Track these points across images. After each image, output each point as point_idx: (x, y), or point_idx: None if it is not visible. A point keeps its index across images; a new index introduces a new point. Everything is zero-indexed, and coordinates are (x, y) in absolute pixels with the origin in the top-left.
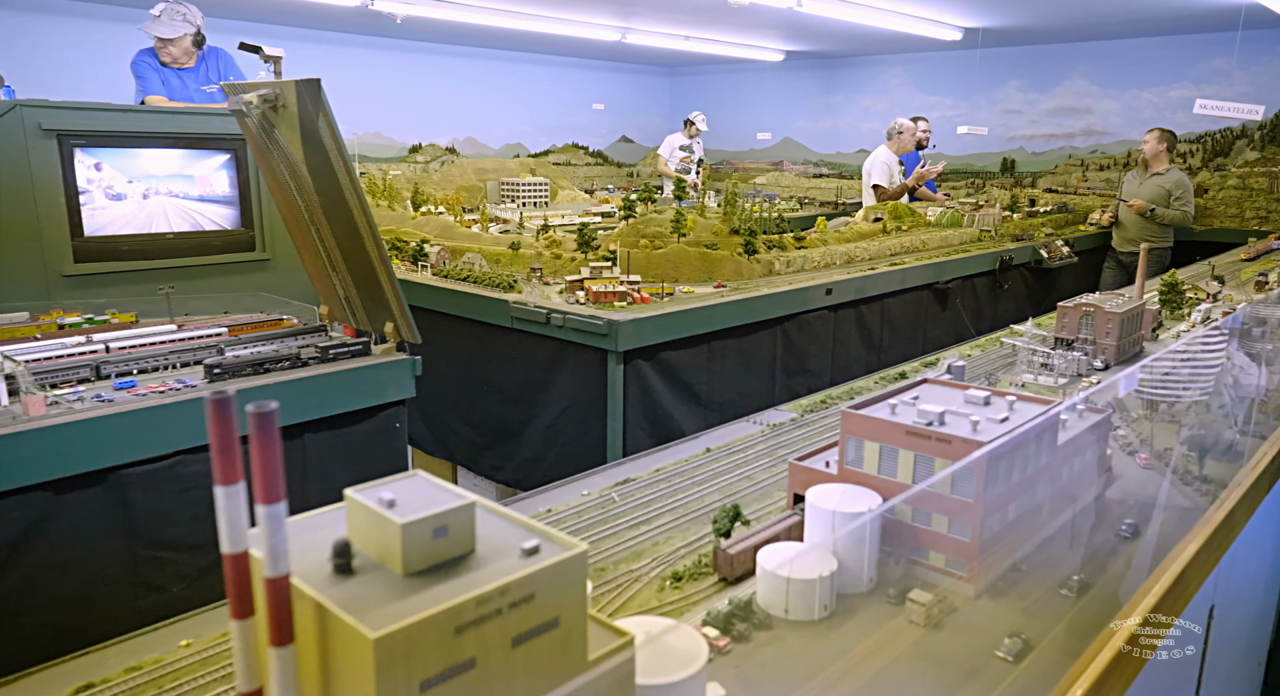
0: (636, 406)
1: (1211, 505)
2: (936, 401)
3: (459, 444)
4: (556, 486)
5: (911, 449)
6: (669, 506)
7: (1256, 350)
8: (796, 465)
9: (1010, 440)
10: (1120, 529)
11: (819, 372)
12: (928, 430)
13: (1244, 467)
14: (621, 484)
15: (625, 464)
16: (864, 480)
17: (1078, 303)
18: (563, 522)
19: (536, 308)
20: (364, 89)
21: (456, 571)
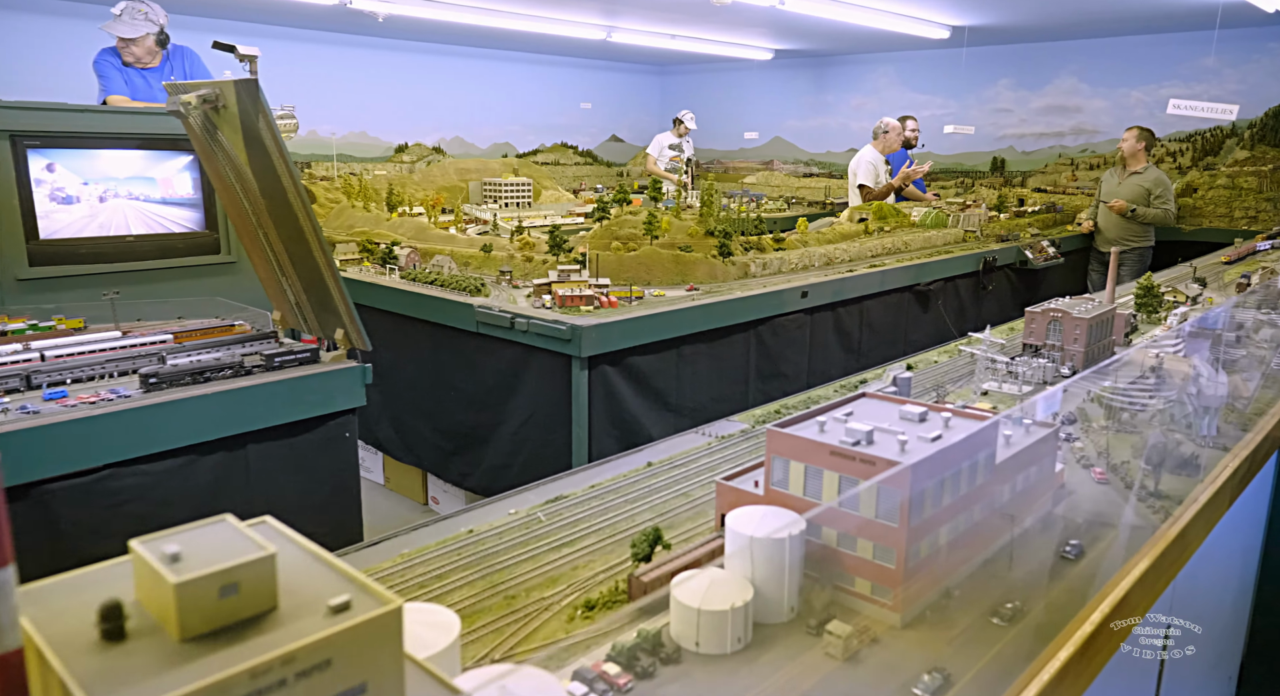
0: (602, 413)
1: (1164, 523)
2: (870, 418)
3: (427, 450)
4: (506, 496)
5: (836, 470)
6: (596, 526)
7: (1223, 356)
8: (724, 485)
9: (937, 460)
10: (1065, 550)
11: (795, 377)
12: (851, 450)
13: (1201, 482)
14: (552, 502)
15: (578, 474)
16: (789, 502)
17: (1045, 308)
18: (482, 544)
19: (501, 312)
20: (349, 88)
21: (245, 635)
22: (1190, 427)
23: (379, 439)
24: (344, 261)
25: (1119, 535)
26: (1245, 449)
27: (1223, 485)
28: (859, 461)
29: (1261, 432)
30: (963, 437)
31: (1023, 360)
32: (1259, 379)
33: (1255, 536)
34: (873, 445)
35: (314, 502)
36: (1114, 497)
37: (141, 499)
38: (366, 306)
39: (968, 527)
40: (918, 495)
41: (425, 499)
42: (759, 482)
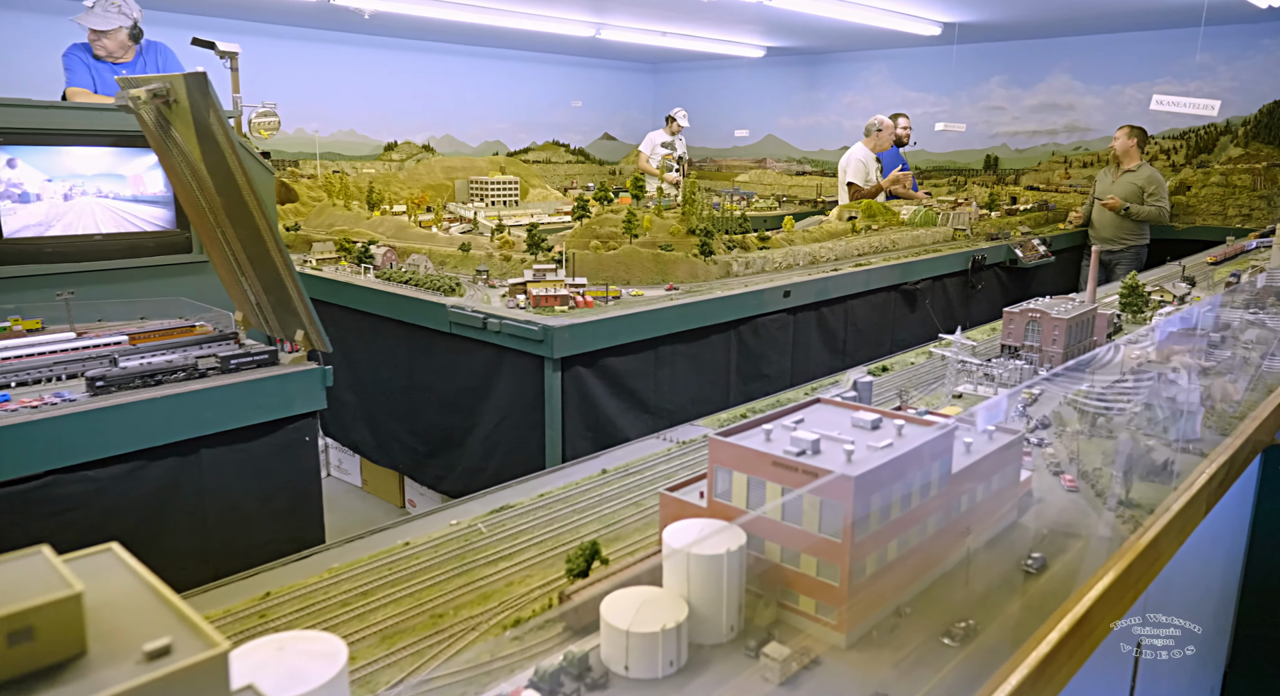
0: (577, 415)
1: (1133, 533)
2: (821, 425)
3: (402, 452)
4: (450, 505)
5: (779, 482)
6: (538, 538)
7: (1202, 356)
8: (666, 496)
9: (886, 470)
10: (1026, 563)
11: (777, 377)
12: (794, 461)
13: (1174, 490)
14: (496, 512)
15: (527, 482)
16: (732, 515)
17: (1024, 308)
18: (415, 558)
19: (474, 312)
20: (337, 86)
21: (36, 688)
22: (1166, 431)
23: (355, 441)
24: (320, 260)
25: (1085, 546)
26: (1223, 453)
27: (1198, 492)
28: (802, 473)
29: (1241, 436)
30: (915, 446)
31: (999, 362)
32: (1247, 382)
33: (1238, 544)
34: (819, 455)
35: (273, 509)
36: (1083, 506)
37: (85, 507)
38: (341, 306)
39: (921, 541)
40: (862, 508)
41: (403, 502)
42: (704, 494)
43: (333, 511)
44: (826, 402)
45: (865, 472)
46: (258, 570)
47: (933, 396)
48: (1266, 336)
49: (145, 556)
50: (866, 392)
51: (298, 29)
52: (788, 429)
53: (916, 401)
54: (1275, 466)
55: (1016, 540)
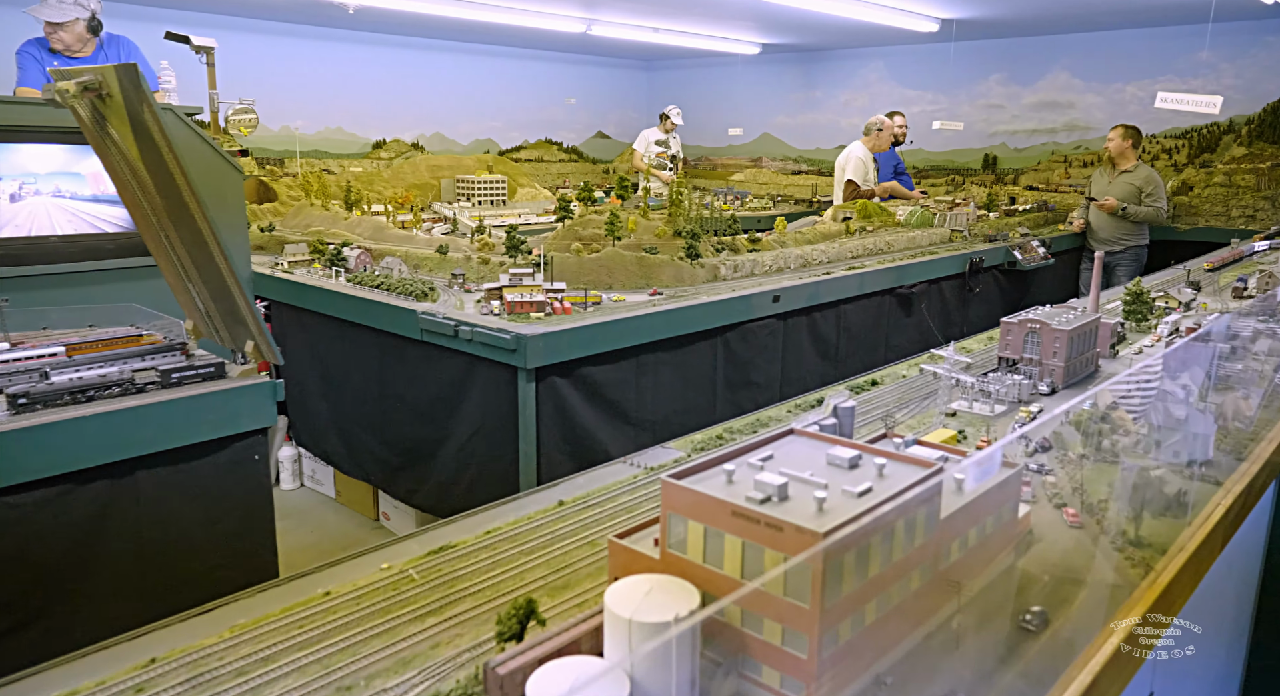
0: (552, 428)
1: (1144, 579)
2: (792, 463)
3: (374, 465)
4: (385, 545)
5: (739, 534)
6: (476, 587)
7: (1215, 378)
8: (616, 544)
9: (860, 525)
10: (1024, 619)
11: (766, 386)
12: (755, 512)
13: (1188, 526)
14: (435, 552)
15: (476, 516)
16: (687, 570)
17: (1022, 318)
18: (334, 612)
19: (445, 319)
20: (324, 83)
21: None
22: (1178, 455)
23: (326, 451)
24: (293, 263)
25: (1091, 598)
26: (1240, 481)
27: (1215, 526)
28: (765, 525)
29: (1259, 461)
30: (898, 492)
31: (996, 377)
32: (1260, 397)
33: (1249, 582)
34: (786, 502)
35: (220, 533)
36: (1088, 546)
37: (6, 535)
38: (312, 311)
39: (904, 599)
40: (835, 568)
41: (376, 515)
42: (657, 540)
43: (304, 524)
44: (800, 434)
45: (837, 527)
46: (150, 628)
47: (923, 415)
48: (1278, 347)
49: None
50: (848, 420)
51: (283, 24)
52: (754, 468)
53: (907, 420)
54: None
55: (1014, 590)
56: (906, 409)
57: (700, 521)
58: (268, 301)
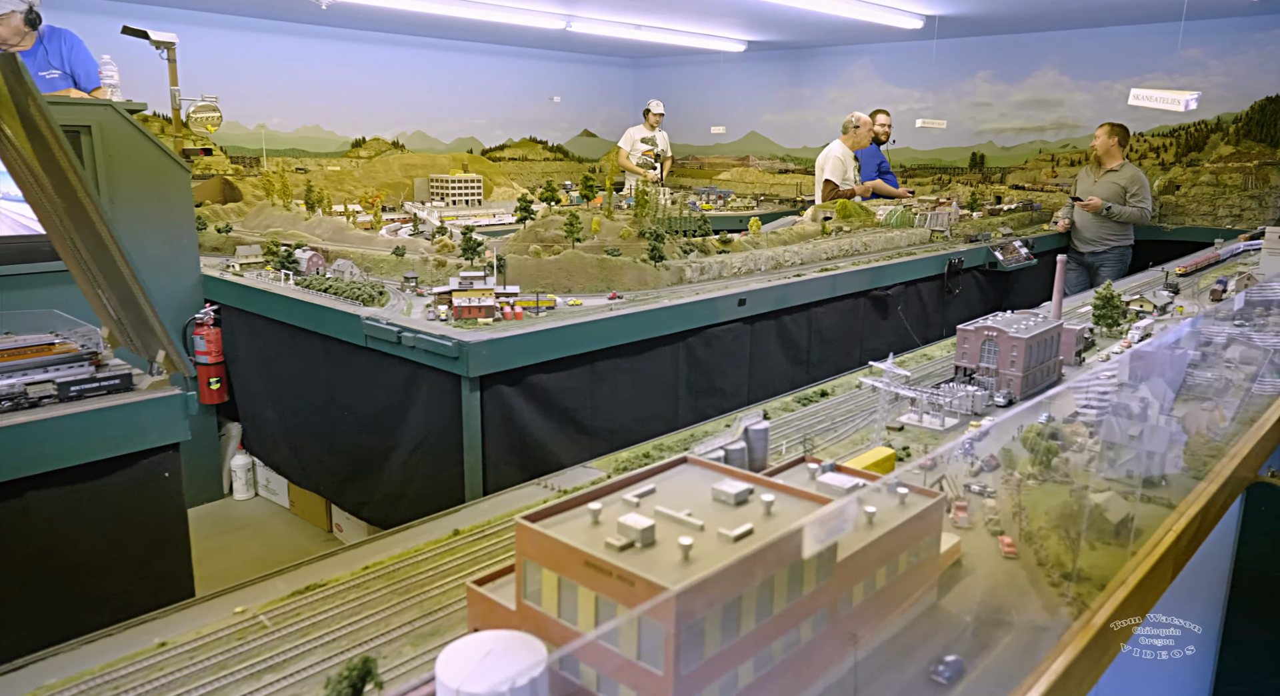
0: (500, 438)
1: (1077, 620)
2: (675, 498)
3: (324, 475)
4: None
5: (592, 588)
6: (332, 635)
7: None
8: (475, 591)
9: (733, 573)
10: (935, 671)
11: (733, 392)
12: (607, 563)
13: (1132, 556)
14: (300, 593)
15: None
16: (543, 626)
17: (979, 325)
18: (162, 667)
19: (388, 324)
20: (301, 81)
21: None
22: (1131, 475)
23: (277, 461)
24: (245, 265)
25: (1014, 642)
26: (1195, 502)
27: (1163, 555)
28: (617, 578)
29: (1217, 479)
30: (780, 537)
31: (949, 387)
32: (1235, 408)
33: (1214, 600)
34: (650, 550)
35: (128, 557)
36: (1022, 581)
37: None
38: (260, 316)
39: (790, 656)
40: (693, 629)
41: (329, 526)
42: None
43: (255, 536)
44: (694, 463)
45: (693, 586)
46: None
47: (869, 430)
48: (1253, 355)
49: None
50: (760, 444)
51: (257, 20)
52: (628, 505)
53: (850, 436)
54: (1261, 507)
55: (930, 635)
56: (852, 423)
57: (555, 570)
58: (217, 305)
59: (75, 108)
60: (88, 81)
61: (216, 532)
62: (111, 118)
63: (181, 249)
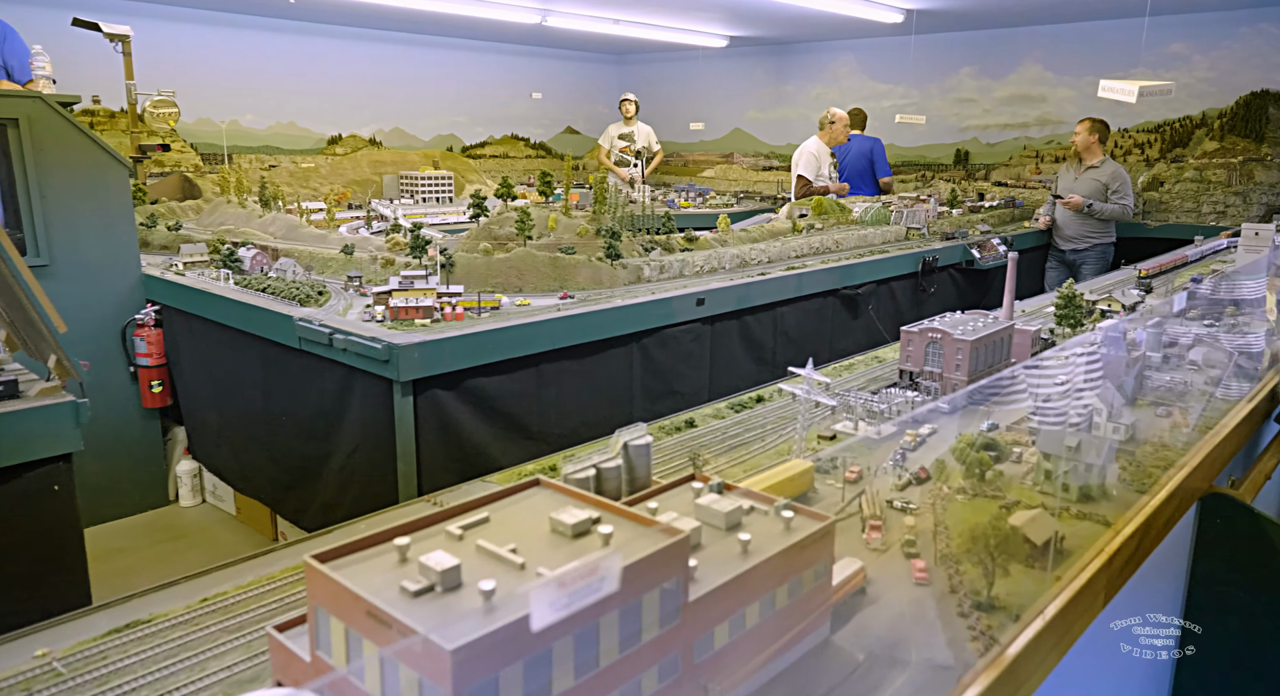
0: (437, 444)
1: (982, 658)
2: (510, 528)
3: (264, 481)
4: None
5: (376, 640)
6: (135, 684)
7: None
8: (275, 639)
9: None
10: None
11: (692, 394)
12: (388, 614)
13: (1056, 581)
14: (117, 632)
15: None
16: (335, 681)
17: (924, 327)
18: None
19: (321, 326)
20: (275, 76)
21: None
22: (1067, 489)
23: (219, 466)
24: (188, 264)
25: (909, 682)
26: (1134, 518)
27: (1091, 579)
28: (397, 631)
29: (1160, 492)
30: (600, 579)
31: (889, 393)
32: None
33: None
34: (453, 593)
35: (14, 575)
36: (928, 611)
37: None
38: (200, 317)
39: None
40: (482, 691)
41: (275, 534)
42: None
43: (198, 545)
44: (548, 485)
45: (472, 642)
46: None
47: (779, 448)
48: (1217, 358)
49: None
50: (642, 462)
51: (228, 15)
52: (452, 537)
53: (776, 445)
54: (1217, 519)
55: (813, 676)
56: (781, 432)
57: (341, 619)
58: (159, 305)
59: (1, 100)
60: (21, 73)
61: (159, 541)
62: (42, 111)
63: (121, 247)
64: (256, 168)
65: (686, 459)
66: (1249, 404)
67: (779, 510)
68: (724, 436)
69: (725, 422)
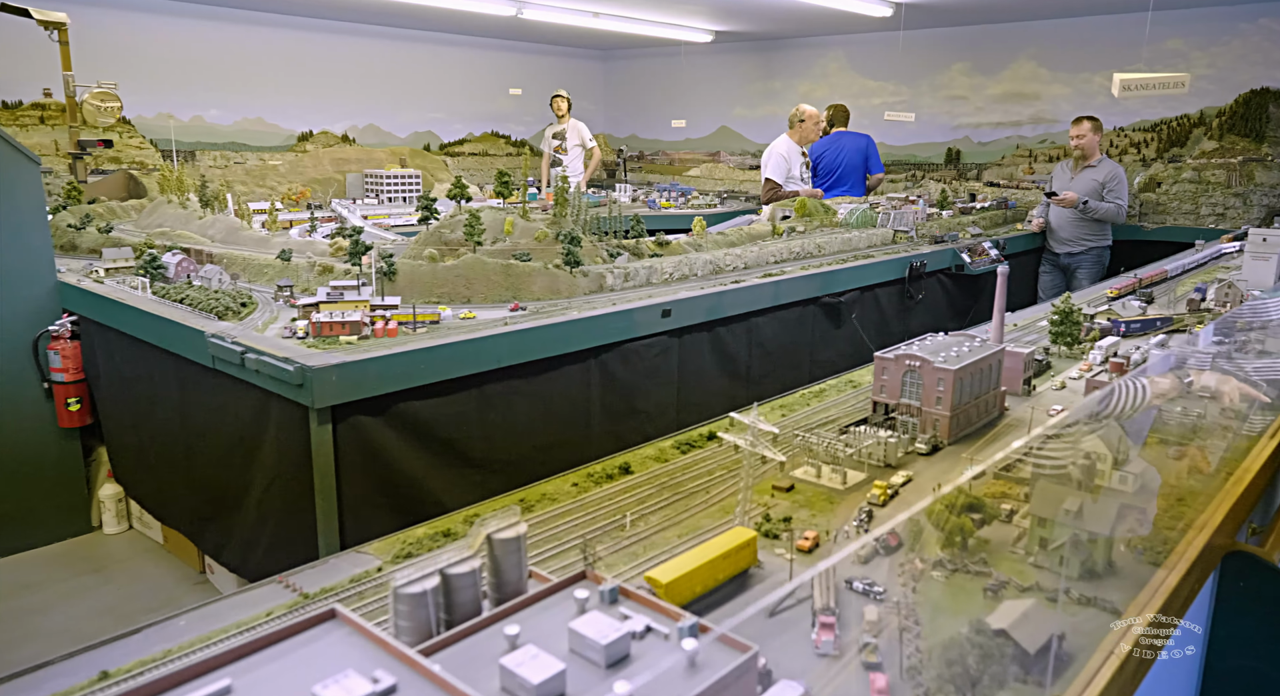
0: (362, 478)
1: None
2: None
3: (184, 512)
4: None
5: None
6: None
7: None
8: None
9: None
10: None
11: (659, 414)
12: None
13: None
14: None
15: None
16: None
17: (900, 352)
18: None
19: (233, 344)
20: (243, 70)
21: None
22: (1066, 565)
23: (139, 493)
24: (110, 271)
25: None
26: (1151, 600)
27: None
28: None
29: (1183, 562)
30: None
31: (859, 432)
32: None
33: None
34: None
35: None
36: None
37: None
38: (117, 330)
39: None
40: None
41: (202, 566)
42: None
43: (118, 578)
44: (346, 620)
45: None
46: None
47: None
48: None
49: None
50: (511, 561)
51: (191, 5)
52: None
53: (719, 501)
54: (1238, 582)
55: None
56: (732, 479)
57: None
58: (75, 316)
59: None
60: None
61: (76, 574)
62: None
63: (32, 251)
64: (221, 165)
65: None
66: (1272, 440)
67: (682, 634)
68: (664, 485)
69: (669, 467)
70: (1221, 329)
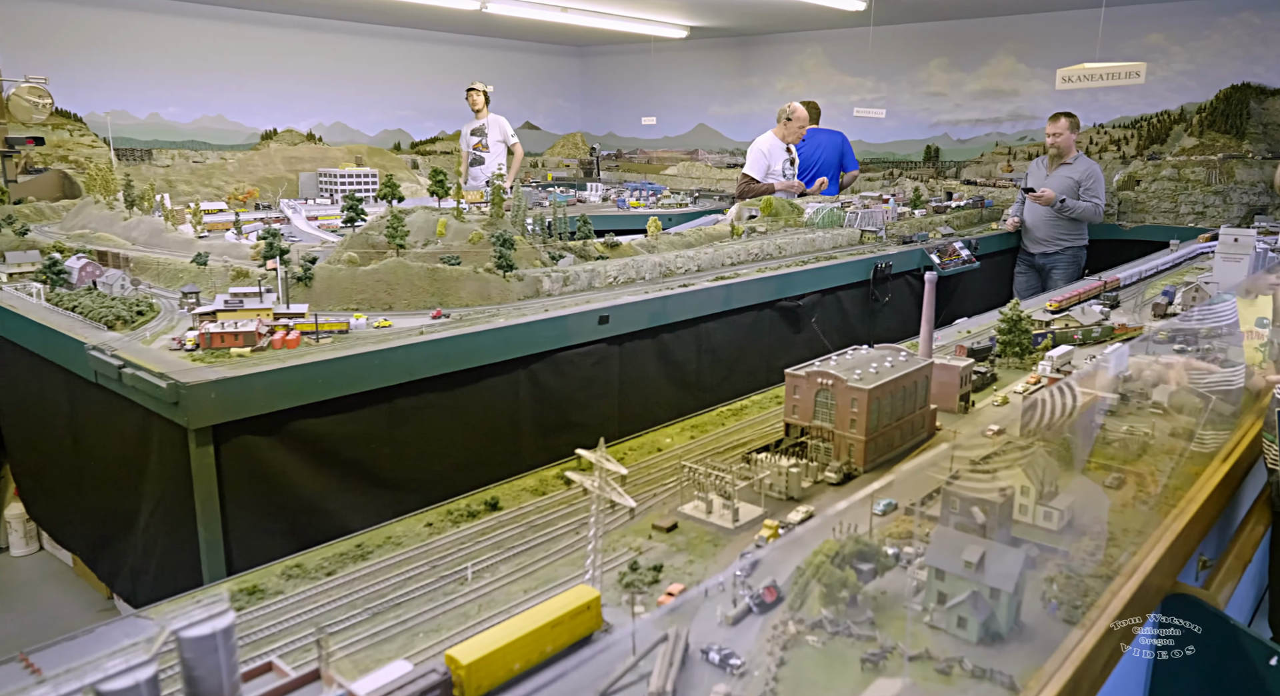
0: (249, 504)
1: None
2: None
3: (76, 535)
4: None
5: None
6: None
7: None
8: None
9: None
10: None
11: (597, 425)
12: None
13: None
14: None
15: None
16: None
17: (811, 369)
18: None
19: (112, 357)
20: (202, 66)
21: None
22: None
23: (37, 513)
24: (15, 275)
25: None
26: (1063, 666)
27: None
28: None
29: (1097, 625)
30: None
31: (761, 459)
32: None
33: None
34: None
35: None
36: None
37: None
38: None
39: None
40: None
41: (110, 592)
42: None
43: (19, 603)
44: None
45: None
46: None
47: (606, 539)
48: (1189, 402)
49: None
50: (207, 661)
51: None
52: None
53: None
54: (1177, 631)
55: None
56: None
57: None
58: None
59: None
60: None
61: None
62: None
63: None
64: (165, 165)
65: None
66: (1224, 463)
67: None
68: (531, 525)
69: (544, 501)
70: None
